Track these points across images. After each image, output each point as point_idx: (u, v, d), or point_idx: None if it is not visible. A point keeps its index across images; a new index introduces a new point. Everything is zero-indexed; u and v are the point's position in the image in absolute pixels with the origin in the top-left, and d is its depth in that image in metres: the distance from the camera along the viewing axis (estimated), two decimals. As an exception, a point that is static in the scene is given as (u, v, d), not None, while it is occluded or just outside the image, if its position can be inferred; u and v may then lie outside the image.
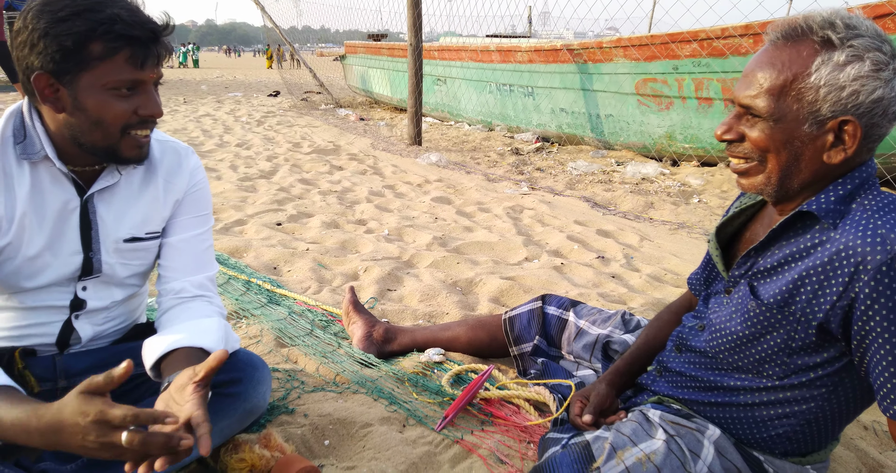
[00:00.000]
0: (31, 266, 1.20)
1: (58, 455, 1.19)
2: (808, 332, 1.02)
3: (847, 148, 0.97)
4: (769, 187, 1.05)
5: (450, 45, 8.27)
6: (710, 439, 1.14)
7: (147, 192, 1.30)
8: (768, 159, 1.03)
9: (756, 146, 1.03)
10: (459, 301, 2.34)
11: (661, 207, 4.08)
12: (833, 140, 0.98)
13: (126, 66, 1.08)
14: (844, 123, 0.96)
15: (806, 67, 0.96)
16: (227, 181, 4.42)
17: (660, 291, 2.57)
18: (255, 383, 1.32)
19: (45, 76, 1.07)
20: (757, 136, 1.02)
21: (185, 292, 1.32)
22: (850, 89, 0.94)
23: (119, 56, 1.07)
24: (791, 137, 0.99)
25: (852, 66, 0.93)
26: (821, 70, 0.95)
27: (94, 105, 1.09)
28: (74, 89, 1.08)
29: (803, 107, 0.97)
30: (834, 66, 0.94)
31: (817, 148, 0.99)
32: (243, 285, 2.42)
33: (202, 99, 11.35)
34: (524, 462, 1.39)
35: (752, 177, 1.06)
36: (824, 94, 0.95)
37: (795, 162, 1.01)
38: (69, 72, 1.06)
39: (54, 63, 1.05)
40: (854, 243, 0.94)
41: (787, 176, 1.03)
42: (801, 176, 1.02)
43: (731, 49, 4.73)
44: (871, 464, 1.46)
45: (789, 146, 1.00)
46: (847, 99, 0.94)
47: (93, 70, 1.07)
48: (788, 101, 0.98)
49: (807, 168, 1.01)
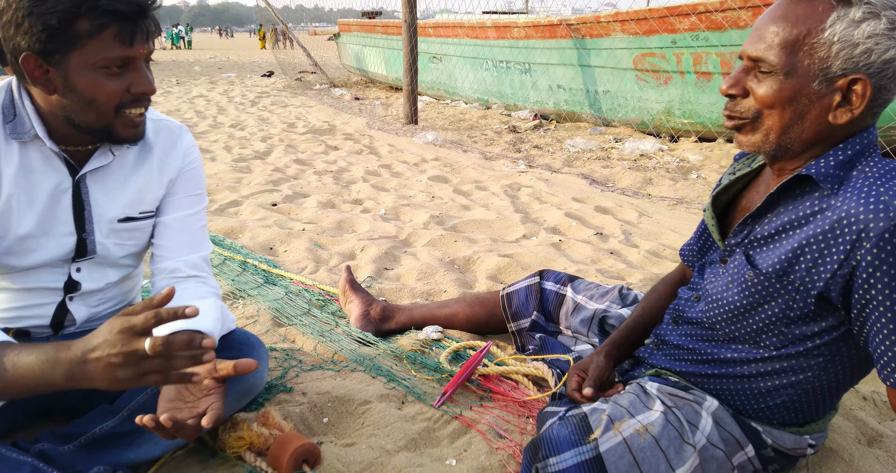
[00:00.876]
0: (23, 246, 1.18)
1: (55, 435, 1.19)
2: (807, 301, 1.01)
3: (854, 108, 0.96)
4: (766, 145, 1.03)
5: (445, 21, 8.17)
6: (708, 410, 1.14)
7: (141, 171, 1.28)
8: (770, 115, 1.00)
9: (762, 102, 1.00)
10: (457, 279, 2.33)
11: (659, 183, 4.06)
12: (840, 100, 0.96)
13: (114, 43, 1.05)
14: (854, 82, 0.94)
15: (820, 22, 0.94)
16: (221, 162, 4.39)
17: (658, 266, 2.56)
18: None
19: (32, 57, 1.04)
20: (764, 91, 0.99)
21: (179, 272, 1.30)
22: (864, 47, 0.92)
23: (106, 33, 1.04)
24: (799, 93, 0.97)
25: (868, 23, 0.91)
26: (835, 26, 0.93)
27: (85, 85, 1.07)
28: (64, 70, 1.05)
29: (814, 62, 0.95)
30: (849, 22, 0.92)
31: (823, 107, 0.97)
32: (239, 265, 2.41)
33: (195, 80, 11.24)
34: (523, 437, 1.39)
35: (750, 134, 1.04)
36: (837, 50, 0.93)
37: (799, 120, 0.99)
38: (57, 52, 1.03)
39: (41, 43, 1.02)
40: (856, 211, 0.93)
41: (787, 133, 1.01)
42: (802, 135, 1.00)
43: (731, 22, 4.66)
44: (870, 434, 1.46)
45: (796, 103, 0.98)
46: (859, 57, 0.92)
47: (81, 49, 1.04)
48: (800, 55, 0.96)
49: (810, 127, 0.99)
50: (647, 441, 1.06)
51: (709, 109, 5.11)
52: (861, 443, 1.43)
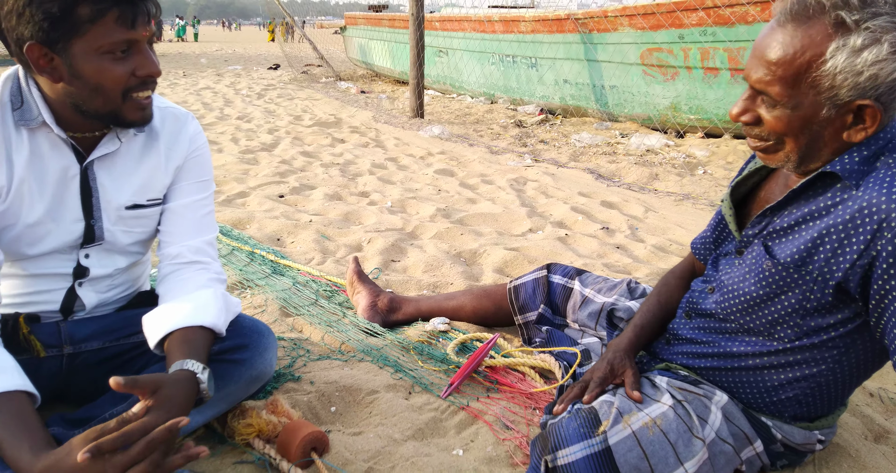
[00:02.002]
0: (33, 233, 1.19)
1: (65, 419, 1.19)
2: (824, 292, 1.00)
3: (868, 128, 0.95)
4: (790, 164, 1.03)
5: (452, 15, 8.14)
6: (718, 404, 1.14)
7: (148, 158, 1.28)
8: (786, 141, 1.00)
9: (773, 131, 1.00)
10: (463, 272, 2.33)
11: (665, 178, 4.04)
12: (853, 119, 0.95)
13: (117, 27, 1.05)
14: (863, 106, 0.93)
15: (821, 54, 0.91)
16: (228, 154, 4.39)
17: (665, 261, 2.55)
18: (262, 349, 1.32)
19: (36, 46, 1.04)
20: (774, 122, 0.99)
21: (181, 257, 1.31)
22: (869, 74, 0.90)
23: (108, 17, 1.03)
24: (809, 122, 0.97)
25: (869, 50, 0.89)
26: (836, 56, 0.90)
27: (90, 71, 1.06)
28: (69, 57, 1.05)
29: (820, 93, 0.94)
30: (850, 51, 0.90)
31: (836, 129, 0.97)
32: (247, 255, 2.42)
33: (202, 72, 11.23)
34: (530, 428, 1.39)
35: (773, 154, 1.04)
36: (841, 80, 0.91)
37: (815, 142, 0.99)
38: (60, 39, 1.03)
39: (43, 32, 1.02)
40: (878, 201, 0.92)
41: (807, 155, 1.01)
42: (822, 153, 1.00)
43: (739, 17, 4.64)
44: (876, 430, 1.46)
45: (807, 130, 0.98)
46: (865, 83, 0.91)
47: (84, 35, 1.03)
48: (804, 88, 0.94)
49: (827, 147, 0.99)
50: (656, 435, 1.06)
51: (716, 104, 5.08)
52: (868, 439, 1.43)
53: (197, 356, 1.14)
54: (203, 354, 1.16)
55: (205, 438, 1.31)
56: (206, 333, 1.21)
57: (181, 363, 1.10)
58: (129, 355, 1.33)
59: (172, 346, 1.16)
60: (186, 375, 1.08)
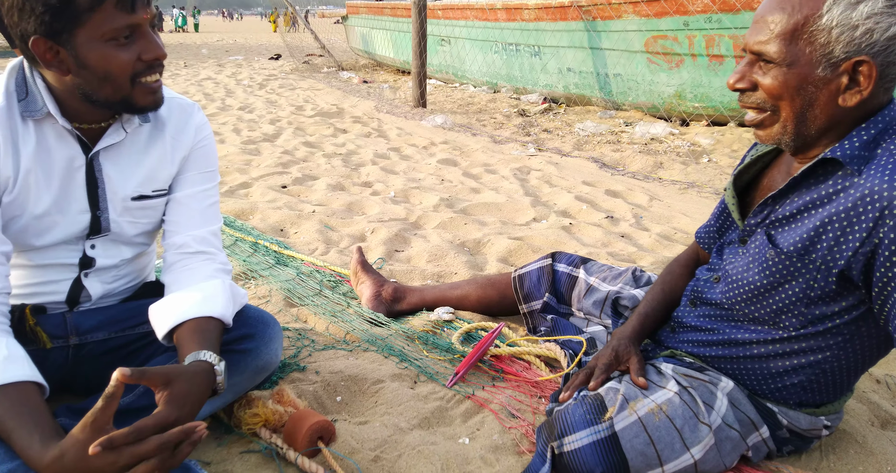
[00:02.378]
0: (39, 224, 1.19)
1: (72, 410, 1.20)
2: (828, 280, 1.00)
3: (862, 89, 0.94)
4: (786, 137, 1.02)
5: (454, 3, 8.08)
6: (724, 390, 1.14)
7: (154, 149, 1.28)
8: (781, 107, 1.00)
9: (769, 94, 1.00)
10: (468, 261, 2.33)
11: (670, 167, 4.03)
12: (848, 82, 0.95)
13: (117, 12, 1.04)
14: (859, 63, 0.93)
15: (817, 8, 0.93)
16: (230, 144, 4.38)
17: (669, 250, 2.55)
18: (268, 339, 1.32)
19: (41, 40, 1.03)
20: (770, 83, 0.99)
21: (186, 246, 1.30)
22: (864, 28, 0.90)
23: (107, 3, 1.02)
24: (804, 81, 0.96)
25: (865, 3, 0.90)
26: (832, 10, 0.91)
27: (96, 60, 1.06)
28: (73, 48, 1.04)
29: (816, 49, 0.94)
30: (846, 5, 0.91)
31: (832, 92, 0.96)
32: (250, 246, 2.42)
33: (203, 63, 11.20)
34: (535, 417, 1.39)
35: (768, 128, 1.03)
36: (837, 34, 0.92)
37: (810, 107, 0.98)
38: (63, 31, 1.03)
39: (45, 25, 1.01)
40: (880, 188, 0.92)
41: (802, 123, 1.00)
42: (816, 122, 0.99)
43: (744, 4, 4.59)
44: (883, 416, 1.46)
45: (803, 92, 0.97)
46: (861, 38, 0.91)
47: (86, 24, 1.03)
48: (800, 44, 0.95)
49: (822, 113, 0.98)
50: (662, 421, 1.06)
51: (721, 92, 5.05)
52: (874, 426, 1.42)
53: (211, 347, 1.14)
54: (217, 345, 1.16)
55: (211, 428, 1.31)
56: (217, 323, 1.21)
57: (196, 354, 1.10)
58: (135, 345, 1.33)
59: (184, 337, 1.16)
60: (203, 367, 1.08)
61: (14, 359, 1.03)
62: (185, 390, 1.01)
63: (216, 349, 1.15)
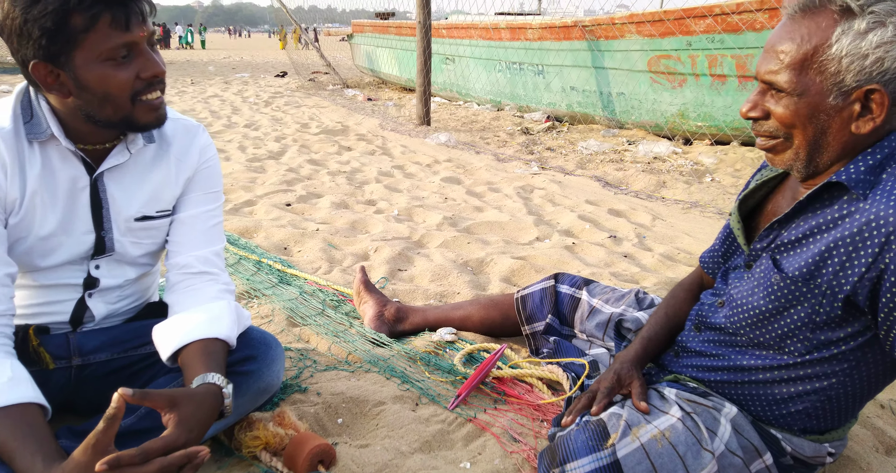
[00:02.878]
0: (45, 245, 1.20)
1: (73, 431, 1.20)
2: (833, 305, 1.00)
3: (875, 117, 0.95)
4: (798, 163, 1.03)
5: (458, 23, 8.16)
6: (727, 416, 1.13)
7: (158, 170, 1.29)
8: (794, 135, 1.01)
9: (781, 122, 1.00)
10: (470, 281, 2.33)
11: (673, 186, 4.03)
12: (860, 109, 0.95)
13: (112, 31, 1.04)
14: (871, 92, 0.94)
15: (826, 39, 0.93)
16: (235, 162, 4.41)
17: (673, 270, 2.54)
18: (269, 361, 1.32)
19: (40, 64, 1.05)
20: (782, 112, 0.99)
21: (190, 267, 1.31)
22: (874, 57, 0.91)
23: (101, 23, 1.03)
24: (816, 110, 0.97)
25: (874, 33, 0.91)
26: (841, 40, 0.92)
27: (95, 80, 1.07)
28: (72, 70, 1.06)
29: (826, 79, 0.95)
30: (855, 34, 0.91)
31: (844, 119, 0.97)
32: (254, 265, 2.42)
33: (210, 80, 11.31)
34: (537, 441, 1.38)
35: (781, 153, 1.04)
36: (847, 64, 0.92)
37: (823, 135, 0.99)
38: (61, 53, 1.04)
39: (43, 48, 1.03)
40: (886, 213, 0.92)
41: (815, 150, 1.01)
42: (829, 149, 1.00)
43: (747, 24, 4.63)
44: (888, 442, 1.45)
45: (815, 120, 0.98)
46: (871, 67, 0.92)
47: (82, 45, 1.04)
48: (811, 74, 0.95)
49: (835, 141, 0.99)
50: (664, 447, 1.05)
51: (724, 111, 5.07)
52: (879, 452, 1.41)
53: (219, 369, 1.14)
54: (223, 367, 1.16)
55: (211, 450, 1.31)
56: (222, 345, 1.21)
57: (204, 376, 1.10)
58: (138, 366, 1.33)
59: (191, 358, 1.16)
60: (212, 389, 1.08)
61: (17, 381, 1.03)
62: (193, 412, 1.02)
63: (223, 371, 1.15)
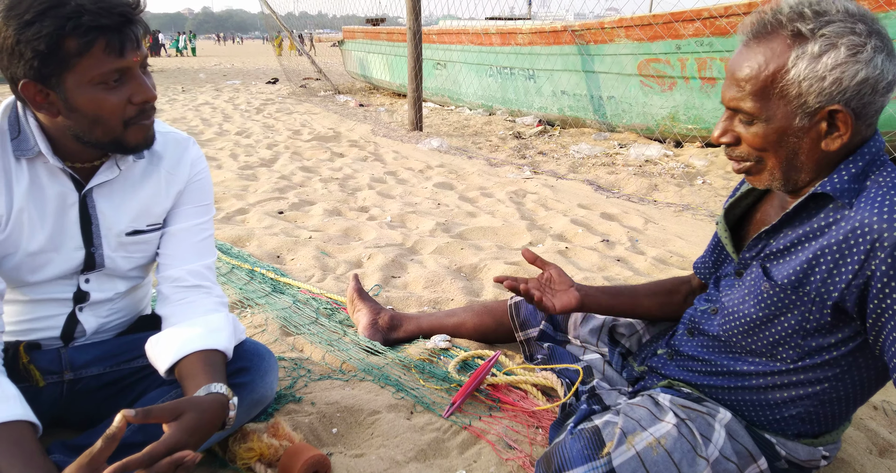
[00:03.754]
0: (34, 262, 1.19)
1: (66, 445, 1.19)
2: (823, 312, 1.01)
3: (842, 135, 0.97)
4: (776, 182, 1.05)
5: (449, 28, 8.19)
6: (721, 422, 1.14)
7: (148, 184, 1.28)
8: (766, 158, 1.03)
9: (752, 147, 1.02)
10: (464, 287, 2.33)
11: (665, 189, 4.05)
12: (827, 127, 0.97)
13: (106, 56, 1.04)
14: (834, 111, 0.95)
15: (783, 64, 0.95)
16: (227, 170, 4.40)
17: (665, 273, 2.55)
18: (263, 373, 1.32)
19: (31, 84, 1.04)
20: (752, 137, 1.01)
21: (183, 280, 1.30)
22: (832, 78, 0.93)
23: (96, 48, 1.02)
24: (785, 133, 0.99)
25: (828, 55, 0.92)
26: (798, 64, 0.94)
27: (86, 103, 1.06)
28: (63, 92, 1.05)
29: (790, 102, 0.96)
30: (810, 58, 0.93)
31: (813, 139, 0.99)
32: (247, 274, 2.41)
33: (200, 87, 11.29)
34: (533, 448, 1.38)
35: (756, 175, 1.06)
36: (807, 87, 0.94)
37: (795, 156, 1.01)
38: (52, 75, 1.03)
39: (34, 69, 1.02)
40: (870, 221, 0.93)
41: (790, 170, 1.03)
42: (805, 168, 1.02)
43: (735, 27, 4.66)
44: (881, 444, 1.45)
45: (785, 143, 1.00)
46: (831, 88, 0.93)
47: (75, 68, 1.03)
48: (773, 99, 0.97)
49: (808, 159, 1.01)
50: (660, 455, 1.06)
51: (713, 114, 5.10)
52: (872, 454, 1.42)
53: (222, 379, 1.14)
54: (225, 377, 1.16)
55: (206, 462, 1.30)
56: (222, 357, 1.21)
57: (209, 386, 1.10)
58: (130, 380, 1.33)
59: (192, 369, 1.15)
60: (219, 399, 1.08)
61: (6, 399, 1.02)
62: (197, 419, 1.02)
63: (226, 381, 1.15)
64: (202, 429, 1.03)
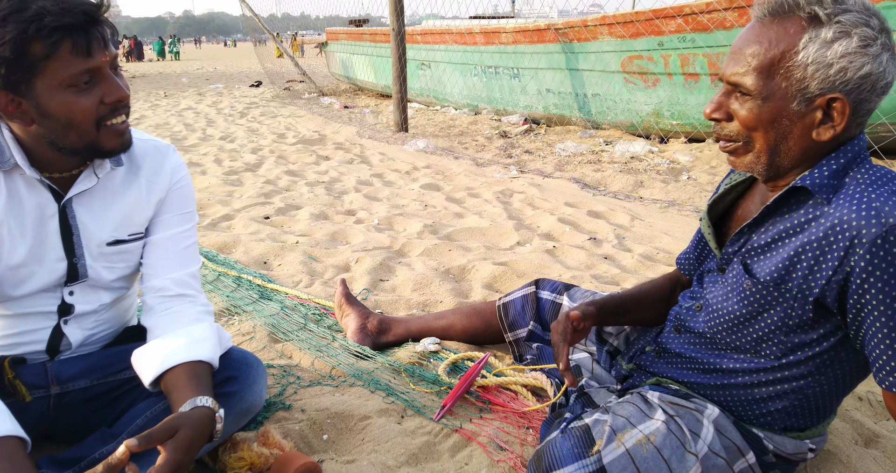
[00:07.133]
0: (16, 275, 1.17)
1: (55, 460, 1.18)
2: (804, 308, 1.02)
3: (836, 125, 0.97)
4: (759, 166, 1.05)
5: (433, 28, 8.19)
6: (710, 418, 1.15)
7: (129, 193, 1.27)
8: (755, 139, 1.02)
9: (744, 125, 1.02)
10: (453, 289, 2.33)
11: (650, 185, 4.07)
12: (822, 117, 0.97)
13: (73, 58, 1.02)
14: (833, 100, 0.96)
15: (793, 45, 0.95)
16: (212, 176, 4.37)
17: (652, 270, 2.57)
18: (251, 381, 1.31)
19: (1, 93, 1.03)
20: (745, 114, 1.01)
21: (166, 290, 1.29)
22: (838, 66, 0.93)
23: (62, 50, 1.01)
24: (779, 115, 0.99)
25: (840, 42, 0.93)
26: (808, 48, 0.94)
27: (58, 107, 1.05)
28: (34, 98, 1.03)
29: (792, 85, 0.97)
30: (821, 43, 0.93)
31: (806, 125, 0.99)
32: (234, 281, 2.40)
33: (183, 92, 11.21)
34: (524, 448, 1.39)
35: (742, 156, 1.06)
36: (812, 71, 0.94)
37: (784, 140, 1.01)
38: (21, 81, 1.02)
39: (2, 77, 1.01)
40: (849, 217, 0.94)
41: (776, 154, 1.02)
42: (790, 154, 1.02)
43: (716, 23, 4.70)
44: (866, 434, 1.47)
45: (777, 125, 1.00)
46: (835, 76, 0.94)
47: (43, 73, 1.02)
48: (777, 79, 0.97)
49: (796, 146, 1.01)
50: (649, 452, 1.07)
51: (697, 110, 5.14)
52: (858, 444, 1.44)
53: (208, 392, 1.13)
54: (211, 389, 1.16)
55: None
56: (207, 367, 1.20)
57: (194, 400, 1.09)
58: (117, 392, 1.32)
59: (177, 381, 1.15)
60: (206, 413, 1.08)
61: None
62: (190, 436, 1.02)
63: (212, 394, 1.14)
64: (195, 444, 1.03)
